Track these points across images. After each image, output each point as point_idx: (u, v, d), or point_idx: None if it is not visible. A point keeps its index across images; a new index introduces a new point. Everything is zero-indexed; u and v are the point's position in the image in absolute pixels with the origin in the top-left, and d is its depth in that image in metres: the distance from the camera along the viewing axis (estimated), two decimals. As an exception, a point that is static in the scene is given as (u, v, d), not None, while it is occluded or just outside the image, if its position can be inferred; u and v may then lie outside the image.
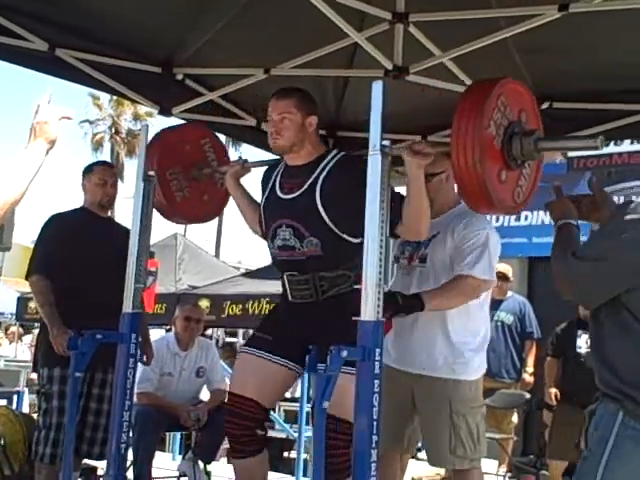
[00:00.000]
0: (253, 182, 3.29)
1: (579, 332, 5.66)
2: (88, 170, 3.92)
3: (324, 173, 2.85)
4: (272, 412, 5.83)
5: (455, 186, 3.18)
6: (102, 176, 3.87)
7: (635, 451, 1.83)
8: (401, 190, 2.87)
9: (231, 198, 3.36)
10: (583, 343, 5.64)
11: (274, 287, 7.77)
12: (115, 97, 33.45)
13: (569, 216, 2.21)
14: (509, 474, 5.90)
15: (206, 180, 3.49)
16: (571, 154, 7.91)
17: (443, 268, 3.22)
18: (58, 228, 3.79)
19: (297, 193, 2.88)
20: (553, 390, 5.75)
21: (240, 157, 3.28)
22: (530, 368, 6.23)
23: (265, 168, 3.19)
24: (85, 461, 3.99)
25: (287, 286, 2.92)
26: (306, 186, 2.85)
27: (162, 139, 3.47)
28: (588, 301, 2.00)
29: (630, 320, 1.86)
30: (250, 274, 8.81)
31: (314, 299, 2.85)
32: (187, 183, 3.45)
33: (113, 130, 35.87)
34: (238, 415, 2.87)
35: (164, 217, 3.56)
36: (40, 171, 2.24)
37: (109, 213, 4.15)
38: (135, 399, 4.28)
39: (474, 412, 3.26)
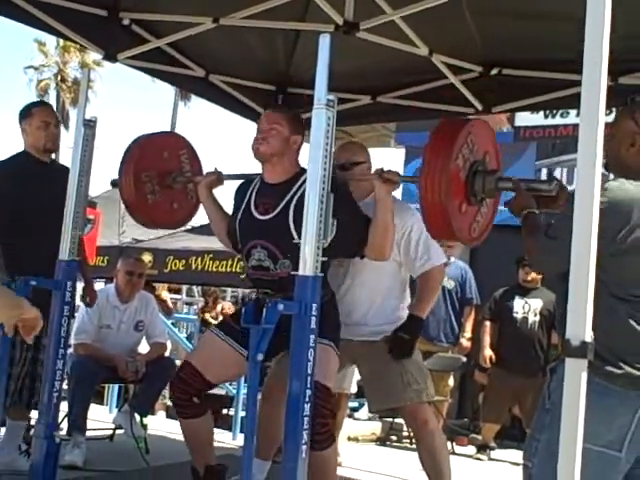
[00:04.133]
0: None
1: (516, 297, 5.79)
2: (27, 113, 3.72)
3: (298, 194, 2.92)
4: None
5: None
6: (43, 118, 3.69)
7: (598, 401, 1.97)
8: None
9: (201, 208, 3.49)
10: (520, 308, 5.76)
11: (218, 244, 7.72)
12: (61, 44, 32.59)
13: (529, 207, 2.40)
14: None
15: (178, 189, 3.59)
16: (518, 123, 7.99)
17: None
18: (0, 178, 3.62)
19: (272, 214, 2.97)
20: (488, 353, 5.88)
21: (215, 169, 3.36)
22: (468, 333, 6.34)
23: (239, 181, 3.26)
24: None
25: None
26: (280, 208, 2.94)
27: (143, 142, 3.56)
28: (543, 270, 2.15)
29: (600, 287, 1.93)
30: (194, 230, 8.71)
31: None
32: (160, 188, 3.53)
33: (59, 78, 34.91)
34: (182, 381, 3.05)
35: (131, 216, 3.71)
36: None
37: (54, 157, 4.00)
38: (72, 350, 4.25)
39: (417, 352, 3.47)
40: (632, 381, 2.02)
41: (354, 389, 4.26)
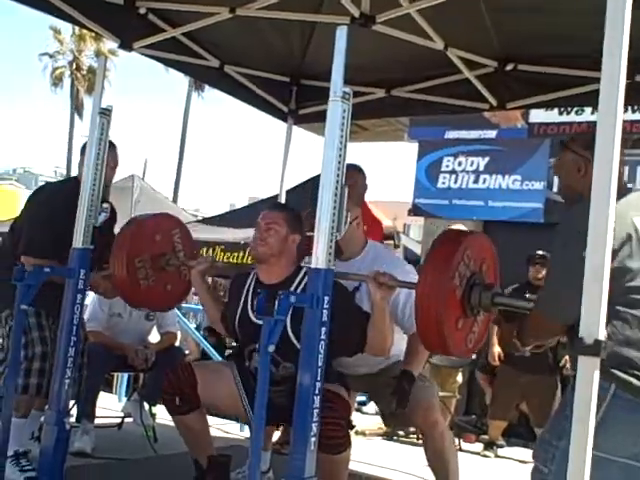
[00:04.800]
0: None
1: (527, 295, 5.74)
2: None
3: None
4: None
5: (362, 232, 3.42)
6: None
7: (626, 416, 1.98)
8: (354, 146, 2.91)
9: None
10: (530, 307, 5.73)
11: (230, 235, 7.73)
12: (77, 32, 32.61)
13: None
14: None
15: (171, 270, 3.54)
16: (532, 120, 7.96)
17: None
18: (49, 203, 3.60)
19: None
20: (497, 350, 5.87)
21: (210, 256, 3.31)
22: (477, 329, 6.30)
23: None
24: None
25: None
26: None
27: (135, 228, 3.54)
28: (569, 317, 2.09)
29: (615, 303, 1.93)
30: (205, 221, 8.75)
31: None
32: (153, 272, 3.48)
33: (74, 66, 34.98)
34: (176, 376, 3.07)
35: (124, 300, 3.74)
36: None
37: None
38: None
39: None
40: None
41: None
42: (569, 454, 1.68)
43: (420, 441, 4.22)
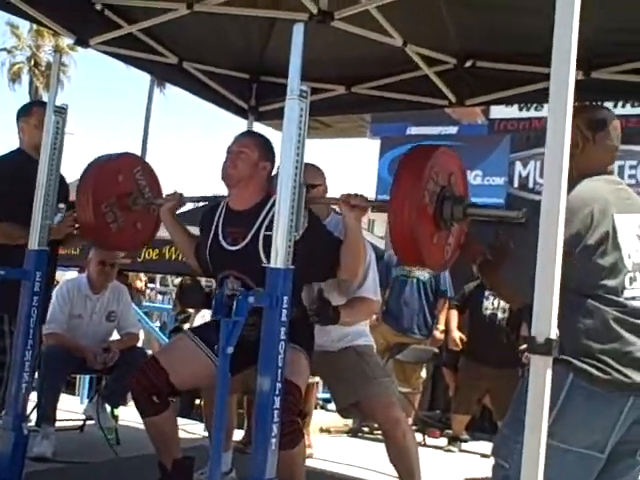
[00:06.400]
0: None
1: (486, 293, 5.79)
2: (26, 112, 3.61)
3: (266, 221, 2.90)
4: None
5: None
6: (41, 118, 3.43)
7: (583, 405, 2.00)
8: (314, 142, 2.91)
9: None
10: (489, 304, 5.79)
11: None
12: (35, 27, 32.11)
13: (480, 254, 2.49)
14: (414, 427, 6.05)
15: (139, 209, 3.51)
16: (492, 116, 8.04)
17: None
18: None
19: (242, 244, 2.93)
20: (457, 334, 5.93)
21: (176, 191, 3.33)
22: (441, 325, 6.35)
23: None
24: None
25: None
26: (249, 237, 2.91)
27: (96, 172, 3.45)
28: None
29: (571, 288, 1.94)
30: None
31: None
32: (121, 213, 3.45)
33: (32, 62, 34.42)
34: (145, 376, 2.99)
35: (99, 246, 3.80)
36: None
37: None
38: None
39: (374, 355, 3.61)
40: (618, 385, 2.01)
41: None
42: (523, 451, 1.69)
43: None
